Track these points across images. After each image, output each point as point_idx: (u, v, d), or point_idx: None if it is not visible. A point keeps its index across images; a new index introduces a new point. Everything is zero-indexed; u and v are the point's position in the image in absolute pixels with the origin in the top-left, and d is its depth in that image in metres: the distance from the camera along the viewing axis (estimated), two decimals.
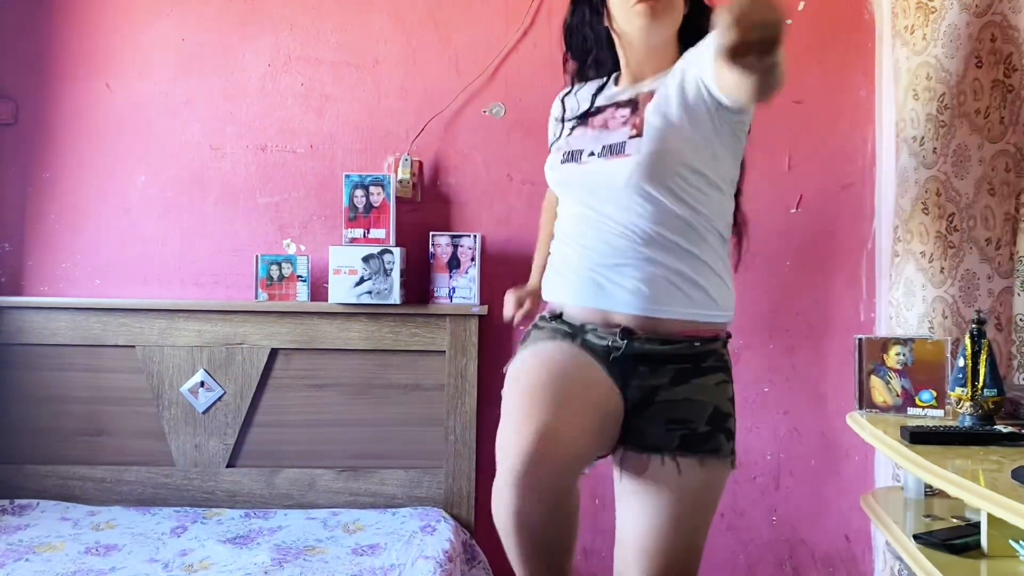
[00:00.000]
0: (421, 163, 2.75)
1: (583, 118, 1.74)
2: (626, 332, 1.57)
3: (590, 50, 1.78)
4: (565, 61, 1.84)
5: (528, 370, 1.54)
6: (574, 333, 1.63)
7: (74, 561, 2.22)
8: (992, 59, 2.00)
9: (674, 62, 1.66)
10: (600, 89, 1.77)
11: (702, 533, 1.61)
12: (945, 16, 2.24)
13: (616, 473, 1.67)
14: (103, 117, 2.79)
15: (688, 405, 1.58)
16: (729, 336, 1.69)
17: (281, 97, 2.79)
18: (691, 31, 1.68)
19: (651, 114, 1.59)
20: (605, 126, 1.68)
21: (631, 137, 1.61)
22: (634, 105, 1.66)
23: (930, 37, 2.31)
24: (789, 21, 2.66)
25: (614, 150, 1.61)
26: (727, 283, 1.67)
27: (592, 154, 1.64)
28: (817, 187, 2.70)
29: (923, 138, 2.35)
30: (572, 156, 1.67)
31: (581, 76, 1.82)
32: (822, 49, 2.71)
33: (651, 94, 1.64)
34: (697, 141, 1.57)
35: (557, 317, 1.68)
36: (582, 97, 1.79)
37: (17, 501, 2.61)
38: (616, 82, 1.77)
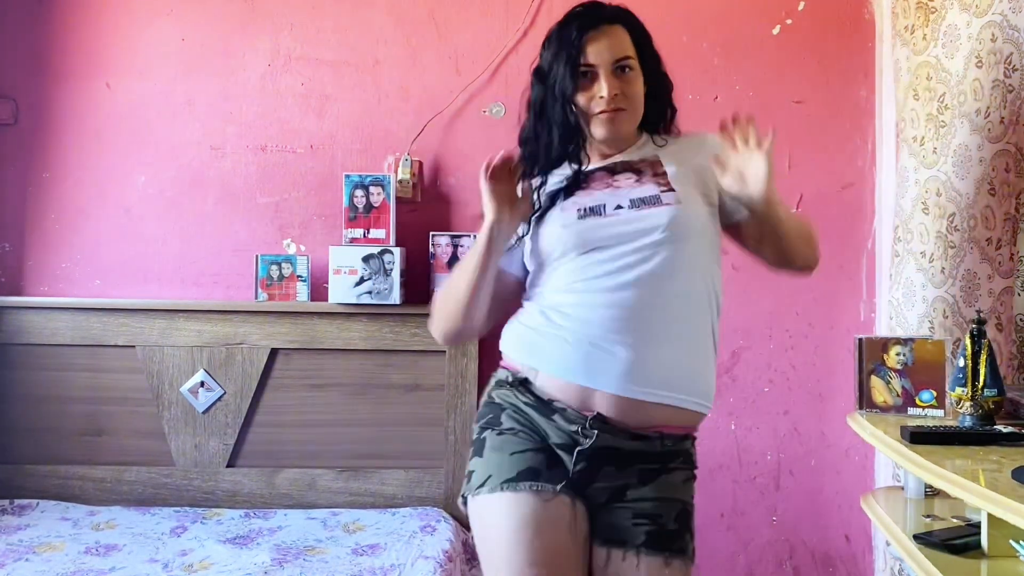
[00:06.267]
0: (421, 163, 2.75)
1: (574, 187, 1.63)
2: (598, 420, 1.51)
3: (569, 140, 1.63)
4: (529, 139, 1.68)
5: (510, 543, 1.48)
6: (541, 411, 1.55)
7: (74, 561, 2.22)
8: (992, 59, 2.00)
9: (638, 138, 1.67)
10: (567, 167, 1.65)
11: None
12: (945, 16, 2.23)
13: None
14: (103, 117, 2.79)
15: (657, 502, 1.53)
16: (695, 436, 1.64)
17: (281, 97, 2.79)
18: (651, 109, 1.67)
19: (673, 178, 1.59)
20: (615, 186, 1.61)
21: (663, 191, 1.58)
22: (635, 169, 1.63)
23: (930, 37, 2.31)
24: (789, 21, 2.69)
25: (648, 201, 1.57)
26: (714, 368, 1.61)
27: (619, 207, 1.57)
28: (817, 187, 2.70)
29: (923, 138, 2.35)
30: (593, 211, 1.58)
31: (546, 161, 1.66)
32: (822, 49, 2.71)
33: (649, 163, 1.62)
34: (710, 217, 1.62)
35: (522, 383, 1.58)
36: (556, 178, 1.66)
37: (17, 501, 2.61)
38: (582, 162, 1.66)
